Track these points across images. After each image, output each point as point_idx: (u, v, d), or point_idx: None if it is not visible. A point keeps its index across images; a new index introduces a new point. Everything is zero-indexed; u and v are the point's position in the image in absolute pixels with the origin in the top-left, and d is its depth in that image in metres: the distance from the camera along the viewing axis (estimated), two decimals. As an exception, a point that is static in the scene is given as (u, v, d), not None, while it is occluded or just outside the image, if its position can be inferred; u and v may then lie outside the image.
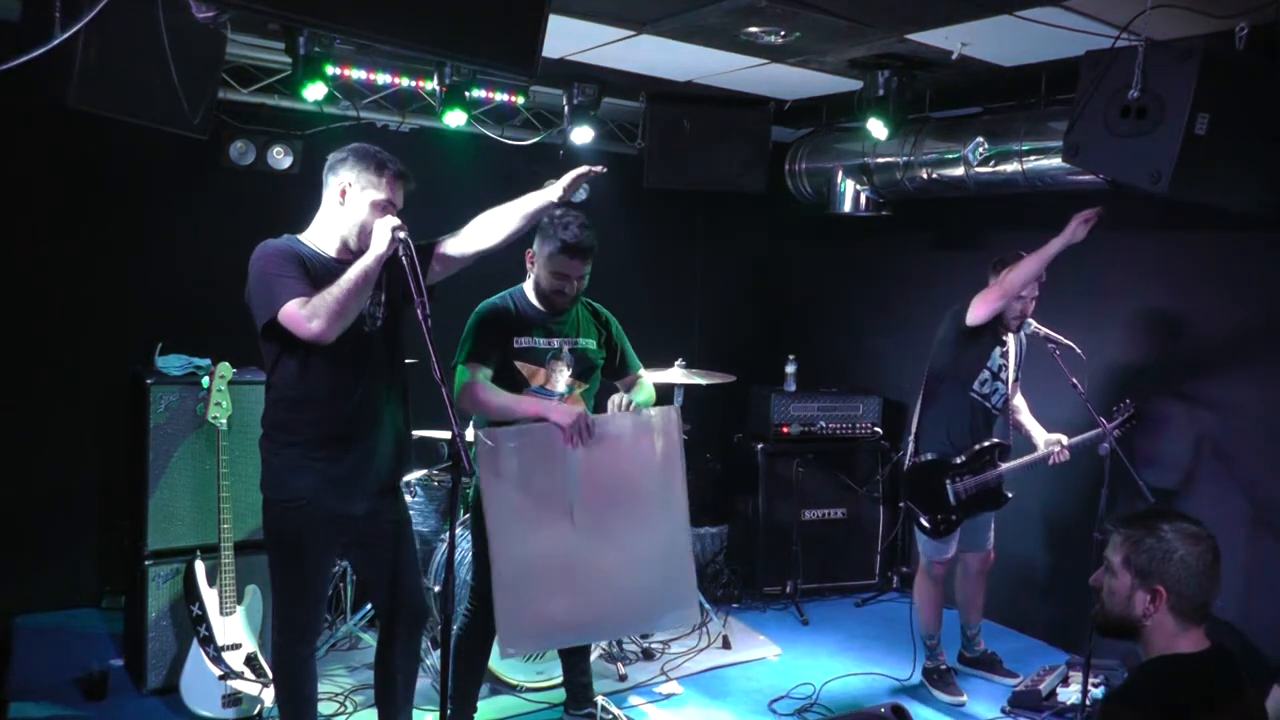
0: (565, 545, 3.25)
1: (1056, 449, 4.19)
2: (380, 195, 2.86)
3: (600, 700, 3.83)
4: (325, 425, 2.90)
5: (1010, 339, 4.25)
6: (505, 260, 3.32)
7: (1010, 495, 4.27)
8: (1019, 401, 4.39)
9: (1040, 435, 4.32)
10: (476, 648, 3.53)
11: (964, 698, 4.30)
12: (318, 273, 2.81)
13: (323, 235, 2.92)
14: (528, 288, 3.45)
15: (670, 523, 3.41)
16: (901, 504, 4.47)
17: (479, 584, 3.48)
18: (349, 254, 2.88)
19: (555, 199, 2.99)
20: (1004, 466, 4.21)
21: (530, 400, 3.27)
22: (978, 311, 4.04)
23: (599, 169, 3.03)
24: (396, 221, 2.77)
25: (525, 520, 3.24)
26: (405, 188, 2.93)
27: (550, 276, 3.34)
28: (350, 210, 2.88)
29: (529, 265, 3.43)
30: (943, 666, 4.41)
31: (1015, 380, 4.30)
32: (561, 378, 3.41)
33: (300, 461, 2.89)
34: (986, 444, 4.21)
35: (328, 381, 2.87)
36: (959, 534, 4.26)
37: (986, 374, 4.17)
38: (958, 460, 4.18)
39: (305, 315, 2.70)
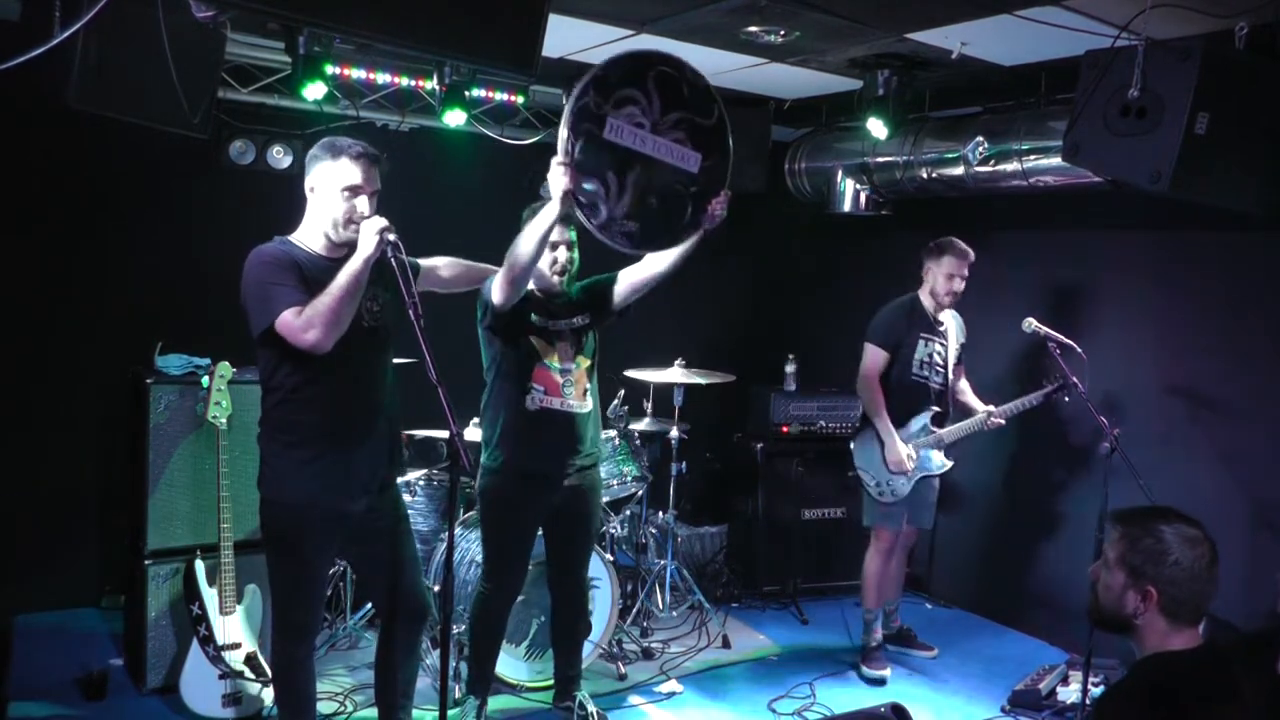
0: None
1: (991, 417, 4.39)
2: (346, 179, 2.83)
3: (579, 696, 3.83)
4: (329, 424, 2.90)
5: (949, 328, 4.50)
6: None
7: (950, 463, 4.52)
8: (963, 384, 4.64)
9: (979, 407, 4.50)
10: (495, 613, 3.70)
11: (887, 671, 4.50)
12: (312, 272, 2.82)
13: (309, 234, 2.93)
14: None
15: None
16: (850, 473, 4.65)
17: (490, 566, 3.64)
18: (335, 249, 2.89)
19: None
20: (940, 432, 4.45)
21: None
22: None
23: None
24: (384, 223, 2.74)
25: None
26: (376, 168, 2.89)
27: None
28: (324, 202, 2.86)
29: None
30: (873, 644, 4.58)
31: (958, 364, 4.58)
32: (568, 353, 3.56)
33: (305, 462, 2.89)
34: (925, 413, 4.46)
35: (331, 381, 2.87)
36: (907, 507, 4.51)
37: (921, 360, 4.45)
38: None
39: (301, 326, 2.70)
